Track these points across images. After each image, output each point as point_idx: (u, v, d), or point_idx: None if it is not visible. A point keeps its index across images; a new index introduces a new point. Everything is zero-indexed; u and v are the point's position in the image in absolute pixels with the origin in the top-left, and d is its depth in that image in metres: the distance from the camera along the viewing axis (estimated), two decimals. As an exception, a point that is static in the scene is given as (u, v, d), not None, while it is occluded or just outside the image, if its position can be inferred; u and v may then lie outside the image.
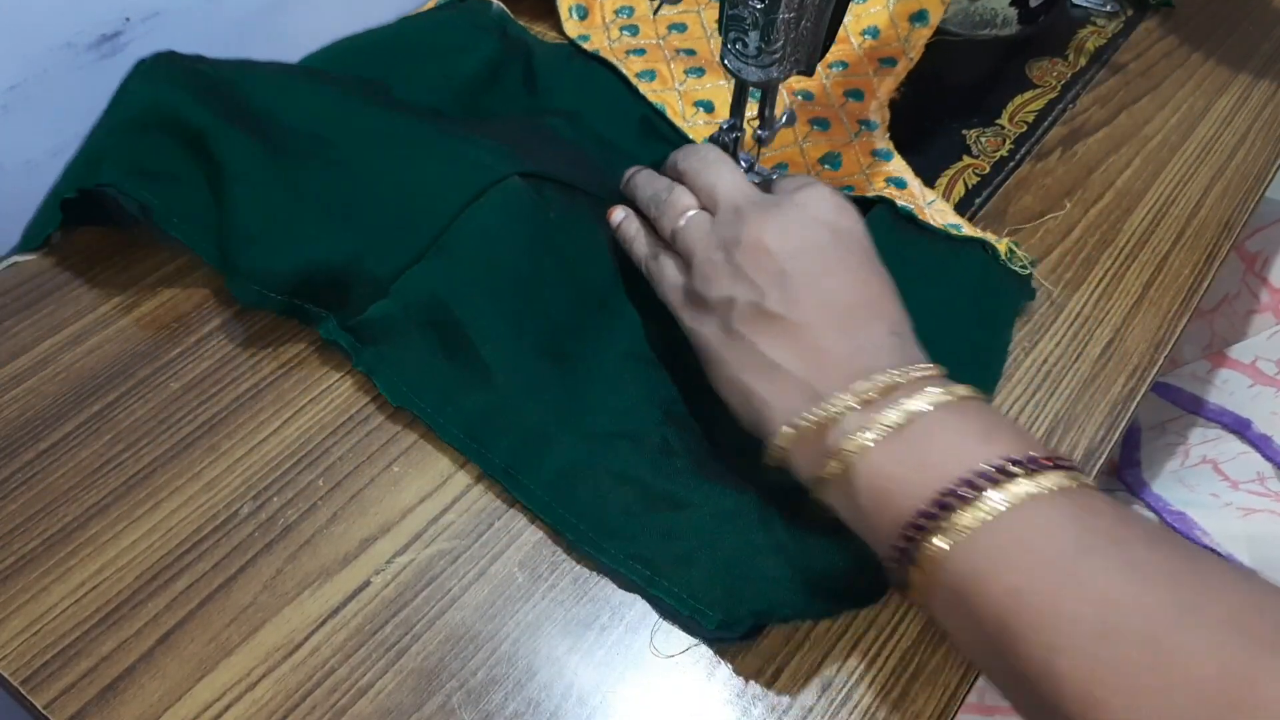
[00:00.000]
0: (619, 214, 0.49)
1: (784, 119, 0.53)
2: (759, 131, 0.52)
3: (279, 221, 0.46)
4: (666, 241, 0.45)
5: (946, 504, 0.32)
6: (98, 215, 0.49)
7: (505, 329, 0.45)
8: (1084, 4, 0.70)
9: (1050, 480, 0.32)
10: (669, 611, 0.38)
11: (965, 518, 0.31)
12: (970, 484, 0.32)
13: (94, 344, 0.46)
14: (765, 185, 0.46)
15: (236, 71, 0.52)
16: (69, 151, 0.50)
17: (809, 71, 0.48)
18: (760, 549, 0.38)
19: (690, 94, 0.60)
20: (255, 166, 0.47)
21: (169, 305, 0.48)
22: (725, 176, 0.45)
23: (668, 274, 0.44)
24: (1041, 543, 0.31)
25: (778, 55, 0.46)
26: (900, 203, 0.52)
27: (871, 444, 0.34)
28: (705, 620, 0.37)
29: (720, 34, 0.47)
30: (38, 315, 0.47)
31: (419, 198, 0.47)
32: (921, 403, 0.34)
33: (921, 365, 0.37)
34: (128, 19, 0.52)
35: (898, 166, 0.56)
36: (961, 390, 0.35)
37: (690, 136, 0.57)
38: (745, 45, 0.46)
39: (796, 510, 0.40)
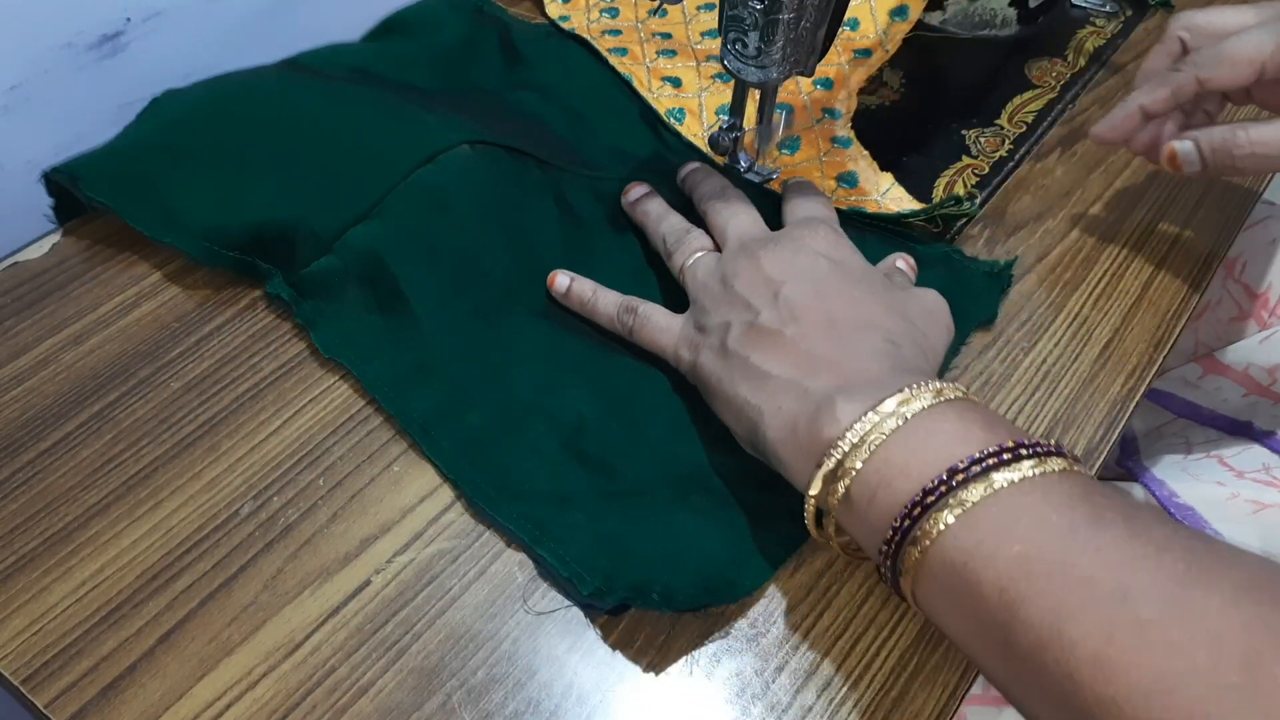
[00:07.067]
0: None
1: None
2: (759, 130, 0.52)
3: (231, 180, 0.48)
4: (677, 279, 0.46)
5: (950, 482, 0.32)
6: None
7: (441, 289, 0.46)
8: (1083, 4, 0.70)
9: (1055, 463, 0.32)
10: (549, 572, 0.39)
11: (971, 492, 0.31)
12: (977, 461, 0.32)
13: (94, 344, 0.46)
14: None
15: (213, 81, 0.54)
16: (70, 151, 0.50)
17: (808, 72, 0.48)
18: (650, 530, 0.39)
19: (659, 70, 0.61)
20: (209, 128, 0.49)
21: (169, 305, 0.48)
22: (740, 218, 0.45)
23: (656, 319, 0.45)
24: (1049, 513, 0.30)
25: (777, 56, 0.46)
26: (847, 208, 0.52)
27: (873, 447, 0.34)
28: (582, 584, 0.38)
29: (720, 34, 0.47)
30: (38, 315, 0.47)
31: (368, 160, 0.48)
32: (918, 405, 0.34)
33: (918, 374, 0.36)
34: (128, 19, 0.52)
35: (854, 154, 0.56)
36: (958, 391, 0.35)
37: (656, 109, 0.58)
38: (745, 46, 0.46)
39: (692, 504, 0.40)
